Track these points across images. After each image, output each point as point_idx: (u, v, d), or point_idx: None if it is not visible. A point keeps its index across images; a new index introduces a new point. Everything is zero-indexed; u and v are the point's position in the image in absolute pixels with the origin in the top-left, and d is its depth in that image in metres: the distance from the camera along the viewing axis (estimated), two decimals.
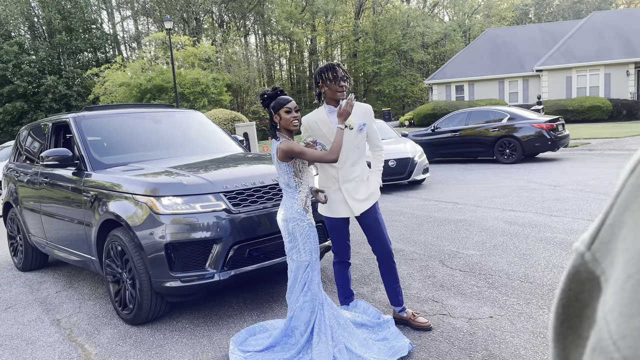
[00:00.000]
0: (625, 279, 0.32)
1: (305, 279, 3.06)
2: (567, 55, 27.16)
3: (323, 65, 3.30)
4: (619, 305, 0.32)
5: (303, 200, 3.07)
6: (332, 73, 3.22)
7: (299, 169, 3.04)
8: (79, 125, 4.80)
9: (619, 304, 0.32)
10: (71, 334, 3.88)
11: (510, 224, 6.14)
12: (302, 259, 3.05)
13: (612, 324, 0.32)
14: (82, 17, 38.89)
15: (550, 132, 11.71)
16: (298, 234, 3.03)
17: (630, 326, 0.30)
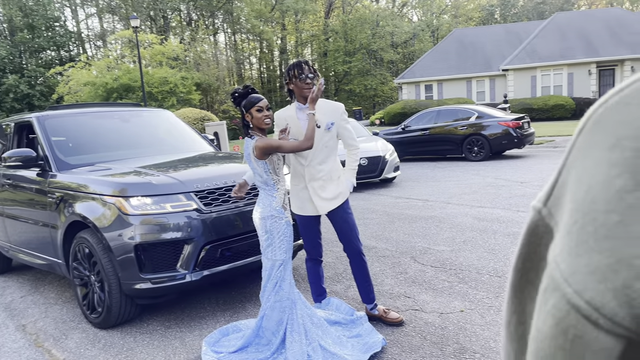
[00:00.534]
0: (572, 224, 0.36)
1: (278, 277, 3.05)
2: (532, 55, 27.86)
3: (291, 63, 3.30)
4: (567, 247, 0.36)
5: (282, 197, 3.06)
6: (299, 70, 3.22)
7: (276, 165, 3.03)
8: (42, 124, 4.66)
9: (568, 246, 0.36)
10: (37, 339, 3.77)
11: (479, 220, 6.26)
12: (276, 257, 3.03)
13: (562, 264, 0.36)
14: (44, 14, 37.75)
15: (517, 130, 11.98)
16: (275, 231, 3.02)
17: (579, 264, 0.34)
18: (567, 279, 0.35)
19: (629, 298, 0.32)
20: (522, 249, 0.44)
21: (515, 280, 0.46)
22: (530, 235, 0.43)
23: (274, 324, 3.06)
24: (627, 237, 0.32)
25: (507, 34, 32.48)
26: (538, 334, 0.39)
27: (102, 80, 26.04)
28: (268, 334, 3.09)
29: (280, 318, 3.06)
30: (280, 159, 3.08)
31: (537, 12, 49.99)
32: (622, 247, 0.32)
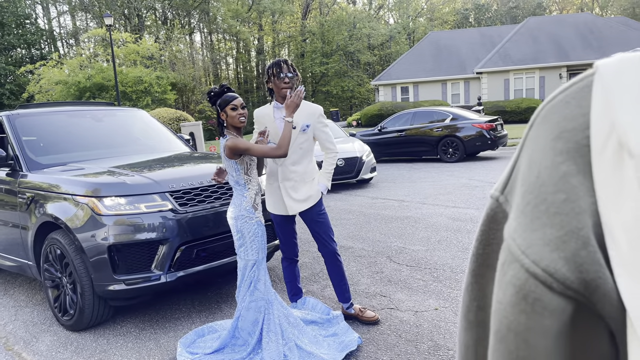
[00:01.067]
0: (525, 204, 0.42)
1: (252, 277, 3.04)
2: (505, 59, 28.38)
3: (271, 61, 3.30)
4: (522, 225, 0.41)
5: (252, 197, 3.05)
6: (277, 69, 3.22)
7: (247, 166, 3.02)
8: (13, 123, 4.55)
9: (523, 223, 0.41)
10: (7, 342, 3.68)
11: (454, 220, 6.35)
12: (249, 257, 3.03)
13: (518, 239, 0.41)
14: (14, 11, 36.79)
15: (490, 131, 12.20)
16: (246, 231, 3.01)
17: (534, 237, 0.40)
18: (525, 251, 0.41)
19: (577, 264, 0.38)
20: (482, 236, 0.48)
21: (475, 266, 0.49)
22: (489, 222, 0.47)
23: (250, 324, 3.06)
24: (573, 212, 0.38)
25: (482, 38, 33.02)
26: (499, 305, 0.43)
27: (74, 79, 25.51)
28: (244, 334, 3.08)
29: (256, 318, 3.05)
30: (253, 160, 3.07)
31: (510, 16, 50.96)
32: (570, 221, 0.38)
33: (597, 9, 53.14)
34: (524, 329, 0.41)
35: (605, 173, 0.37)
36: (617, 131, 0.37)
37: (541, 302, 0.40)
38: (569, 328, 0.40)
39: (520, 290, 0.41)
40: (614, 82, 0.39)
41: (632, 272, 0.36)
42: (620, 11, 47.35)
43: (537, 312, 0.40)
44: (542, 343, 0.41)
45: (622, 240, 0.36)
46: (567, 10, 53.45)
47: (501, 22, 50.28)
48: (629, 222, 0.36)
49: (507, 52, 28.81)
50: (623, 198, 0.36)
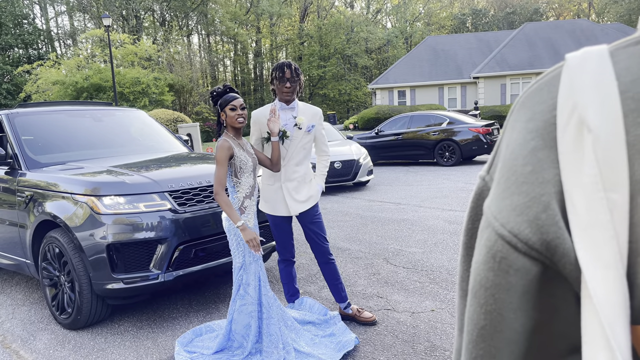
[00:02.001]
0: (500, 177, 0.48)
1: (240, 281, 3.02)
2: (502, 64, 28.53)
3: (277, 63, 3.33)
4: (496, 194, 0.47)
5: (240, 200, 3.03)
6: (280, 73, 3.26)
7: (238, 168, 3.01)
8: (12, 122, 4.56)
9: (497, 193, 0.47)
10: (4, 340, 3.68)
11: (450, 222, 6.39)
12: (235, 260, 3.03)
13: (492, 207, 0.47)
14: (12, 11, 36.72)
15: (487, 136, 12.27)
16: (232, 233, 3.00)
17: (504, 204, 0.46)
18: (496, 216, 0.47)
19: (539, 226, 0.43)
20: (471, 212, 0.54)
21: (466, 239, 0.54)
22: (477, 199, 0.53)
23: (242, 327, 3.07)
24: (538, 181, 0.44)
25: (479, 43, 33.18)
26: (475, 264, 0.49)
27: (72, 79, 25.45)
28: (238, 337, 3.09)
29: (248, 322, 3.05)
30: (245, 163, 3.02)
31: (507, 21, 51.22)
32: (534, 189, 0.44)
33: (593, 16, 53.49)
34: (491, 285, 0.46)
35: (567, 146, 0.42)
36: (578, 110, 0.42)
37: (507, 260, 0.45)
38: (535, 287, 0.45)
39: (490, 250, 0.46)
40: (578, 69, 0.44)
41: (588, 232, 0.41)
42: (616, 18, 47.67)
43: (503, 269, 0.45)
44: (507, 298, 0.45)
45: (581, 205, 0.41)
46: (563, 16, 53.77)
47: (498, 27, 50.54)
48: (587, 187, 0.41)
49: (503, 57, 28.96)
50: (582, 167, 0.41)
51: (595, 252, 0.40)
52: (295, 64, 3.32)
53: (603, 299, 0.40)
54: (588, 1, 53.57)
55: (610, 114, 0.40)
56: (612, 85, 0.41)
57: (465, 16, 52.62)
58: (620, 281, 0.40)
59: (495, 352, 0.48)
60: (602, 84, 0.42)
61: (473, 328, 0.49)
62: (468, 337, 0.51)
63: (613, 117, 0.40)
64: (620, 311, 0.40)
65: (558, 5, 54.71)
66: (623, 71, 0.42)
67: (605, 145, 0.40)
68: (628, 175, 0.40)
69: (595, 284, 0.40)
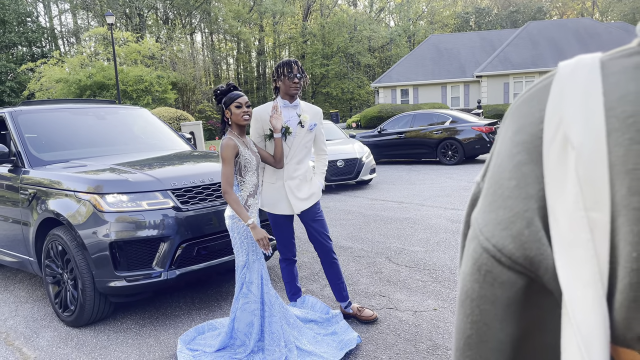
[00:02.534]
0: (487, 189, 0.48)
1: (243, 279, 3.03)
2: (505, 63, 28.45)
3: (281, 61, 3.34)
4: (483, 206, 0.48)
5: (244, 199, 3.03)
6: (287, 69, 3.27)
7: (242, 166, 3.00)
8: (15, 120, 4.57)
9: (484, 205, 0.48)
10: (7, 337, 3.70)
11: (453, 221, 6.38)
12: (238, 258, 3.03)
13: (479, 219, 0.48)
14: (16, 9, 36.77)
15: (490, 135, 12.24)
16: (236, 232, 3.00)
17: (490, 218, 0.46)
18: (482, 230, 0.47)
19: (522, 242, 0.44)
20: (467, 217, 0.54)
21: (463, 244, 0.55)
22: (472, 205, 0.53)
23: (245, 325, 3.07)
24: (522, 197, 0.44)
25: (482, 41, 33.10)
26: (463, 275, 0.50)
27: (75, 77, 25.48)
28: (241, 335, 3.10)
29: (250, 320, 3.06)
30: (249, 162, 3.02)
31: (510, 20, 51.08)
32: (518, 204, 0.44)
33: (597, 14, 53.29)
34: (477, 296, 0.48)
35: (552, 162, 0.42)
36: (563, 125, 0.41)
37: (492, 273, 0.46)
38: (520, 299, 0.46)
39: (476, 263, 0.48)
40: (567, 81, 0.43)
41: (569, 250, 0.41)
42: (620, 16, 47.48)
43: (488, 282, 0.47)
44: (492, 310, 0.47)
45: (563, 222, 0.41)
46: (567, 15, 53.60)
47: (501, 26, 50.40)
48: (569, 205, 0.40)
49: (507, 56, 28.89)
50: (565, 184, 0.41)
51: (575, 270, 0.40)
52: (299, 62, 3.33)
53: (581, 318, 0.40)
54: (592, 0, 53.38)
55: (594, 132, 0.40)
56: (599, 101, 0.40)
57: (469, 15, 52.49)
58: (600, 301, 0.39)
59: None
60: (588, 99, 0.41)
61: (460, 337, 0.51)
62: (456, 344, 0.52)
63: (596, 134, 0.39)
64: (598, 331, 0.39)
65: (562, 4, 54.53)
66: (611, 86, 0.41)
67: (587, 163, 0.40)
68: (609, 194, 0.39)
69: (574, 303, 0.40)
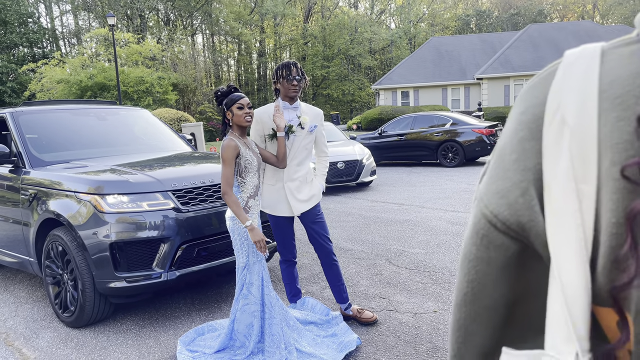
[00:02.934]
0: (492, 162, 0.53)
1: (243, 280, 3.03)
2: (505, 65, 28.48)
3: (281, 63, 3.34)
4: (486, 179, 0.53)
5: (245, 200, 3.03)
6: (287, 71, 3.27)
7: (243, 167, 3.00)
8: (16, 120, 4.58)
9: (487, 178, 0.53)
10: (7, 338, 3.69)
11: (453, 224, 6.38)
12: (239, 260, 3.03)
13: (481, 189, 0.53)
14: (17, 9, 36.81)
15: (490, 137, 12.24)
16: (236, 233, 3.00)
17: (490, 188, 0.52)
18: (482, 198, 0.53)
19: (516, 209, 0.48)
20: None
21: None
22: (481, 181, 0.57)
23: (245, 327, 3.07)
24: (520, 169, 0.48)
25: (482, 44, 33.13)
26: (464, 239, 0.56)
27: (76, 78, 25.53)
28: (240, 337, 3.09)
29: (250, 322, 3.05)
30: (250, 163, 3.01)
31: (511, 23, 51.11)
32: (516, 175, 0.49)
33: (597, 17, 53.33)
34: (474, 257, 0.53)
35: (550, 139, 0.46)
36: (561, 108, 0.46)
37: (488, 237, 0.51)
38: (514, 263, 0.50)
39: (475, 227, 0.53)
40: (570, 67, 0.47)
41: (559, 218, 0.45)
42: (621, 19, 47.52)
43: (484, 245, 0.52)
44: (487, 270, 0.52)
45: (555, 192, 0.45)
46: (568, 17, 53.64)
47: (502, 28, 50.44)
48: (562, 177, 0.45)
49: (507, 58, 28.91)
50: (560, 159, 0.45)
51: (563, 237, 0.44)
52: (299, 64, 3.34)
53: (566, 280, 0.44)
54: (592, 3, 53.42)
55: (587, 112, 0.44)
56: (594, 85, 0.45)
57: (469, 17, 52.54)
58: (584, 266, 0.44)
59: (475, 316, 0.54)
60: (585, 84, 0.45)
61: (458, 294, 0.56)
62: (454, 301, 0.57)
63: (589, 115, 0.44)
64: (581, 291, 0.44)
65: (562, 7, 54.58)
66: (606, 71, 0.45)
67: (579, 140, 0.44)
68: (597, 168, 0.43)
69: (561, 266, 0.45)
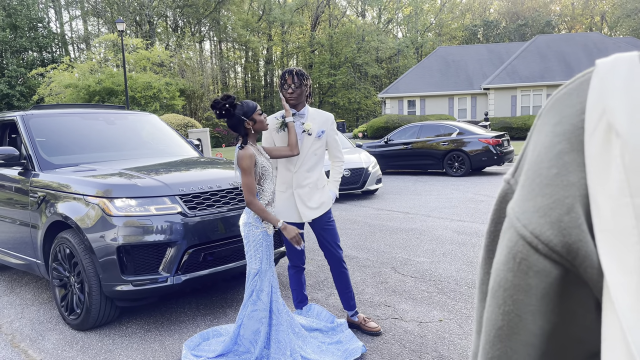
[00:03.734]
0: (525, 179, 0.48)
1: (254, 286, 3.03)
2: (513, 75, 28.47)
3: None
4: (520, 196, 0.48)
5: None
6: (282, 80, 3.35)
7: (260, 175, 3.02)
8: (27, 123, 4.62)
9: (521, 195, 0.48)
10: (13, 339, 3.71)
11: (459, 233, 6.36)
12: (251, 266, 3.03)
13: (515, 208, 0.48)
14: (27, 14, 37.23)
15: (497, 147, 12.22)
16: (251, 239, 3.01)
17: (527, 205, 0.46)
18: (519, 217, 0.47)
19: (561, 228, 0.44)
20: (494, 215, 0.54)
21: (488, 242, 0.55)
22: (500, 202, 0.53)
23: (251, 333, 3.07)
24: (563, 184, 0.44)
25: (490, 54, 33.16)
26: (496, 265, 0.50)
27: (84, 82, 25.72)
28: (246, 342, 3.09)
29: (257, 328, 3.05)
30: (267, 170, 3.04)
31: (519, 33, 51.17)
32: (558, 191, 0.44)
33: (605, 29, 53.30)
34: (510, 286, 0.47)
35: (594, 150, 0.43)
36: (607, 115, 0.42)
37: (527, 261, 0.45)
38: (554, 290, 0.45)
39: (511, 251, 0.47)
40: (608, 75, 0.44)
41: (612, 236, 0.41)
42: (629, 31, 47.47)
43: (523, 270, 0.46)
44: (526, 300, 0.46)
45: (606, 209, 0.41)
46: (575, 29, 53.64)
47: (509, 39, 50.49)
48: (614, 191, 0.41)
49: (514, 68, 28.91)
50: (609, 171, 0.41)
51: (618, 257, 0.40)
52: (298, 69, 3.35)
53: (625, 304, 0.40)
54: (601, 15, 53.43)
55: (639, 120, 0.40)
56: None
57: (477, 27, 52.64)
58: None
59: (512, 354, 0.48)
60: (632, 89, 0.42)
61: (491, 328, 0.50)
62: (485, 337, 0.51)
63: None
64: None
65: (570, 18, 54.61)
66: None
67: (634, 150, 0.40)
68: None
69: (618, 290, 0.40)
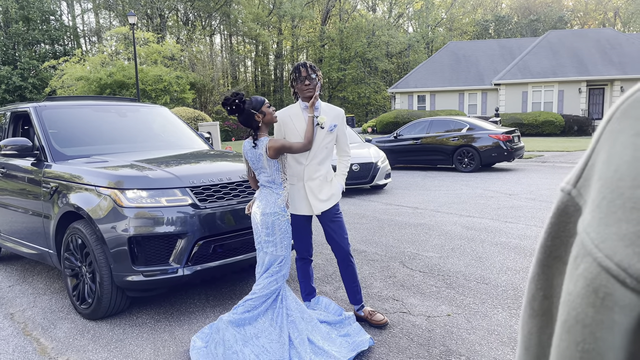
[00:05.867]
0: (601, 199, 0.41)
1: (276, 271, 3.16)
2: (524, 71, 28.23)
3: (294, 66, 3.41)
4: (597, 219, 0.41)
5: (286, 196, 3.20)
6: (297, 73, 3.37)
7: (284, 165, 3.19)
8: (40, 115, 4.67)
9: (597, 217, 0.41)
10: (25, 327, 3.77)
11: (468, 228, 6.35)
12: (278, 253, 3.15)
13: (592, 233, 0.41)
14: (40, 7, 37.48)
15: (507, 143, 12.15)
16: (277, 228, 3.12)
17: (609, 232, 0.39)
18: (598, 245, 0.40)
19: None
20: (552, 228, 0.48)
21: (543, 257, 0.50)
22: (560, 215, 0.47)
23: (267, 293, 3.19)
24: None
25: (501, 49, 32.89)
26: (569, 296, 0.43)
27: (96, 75, 25.88)
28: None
29: (275, 288, 3.18)
30: (287, 159, 3.24)
31: (530, 29, 50.67)
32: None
33: (619, 25, 52.62)
34: (591, 322, 0.41)
35: None
36: None
37: (612, 297, 0.39)
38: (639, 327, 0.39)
39: (591, 284, 0.41)
40: None
41: None
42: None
43: (607, 306, 0.39)
44: (609, 338, 0.40)
45: None
46: (588, 25, 53.02)
47: (521, 34, 50.02)
48: None
49: (526, 64, 28.66)
50: None
51: None
52: (310, 62, 3.40)
53: None
54: (614, 10, 52.74)
55: None
56: None
57: (488, 22, 52.20)
58: None
59: None
60: None
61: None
62: None
63: None
64: None
65: (583, 14, 53.98)
66: None
67: None
68: None
69: None
